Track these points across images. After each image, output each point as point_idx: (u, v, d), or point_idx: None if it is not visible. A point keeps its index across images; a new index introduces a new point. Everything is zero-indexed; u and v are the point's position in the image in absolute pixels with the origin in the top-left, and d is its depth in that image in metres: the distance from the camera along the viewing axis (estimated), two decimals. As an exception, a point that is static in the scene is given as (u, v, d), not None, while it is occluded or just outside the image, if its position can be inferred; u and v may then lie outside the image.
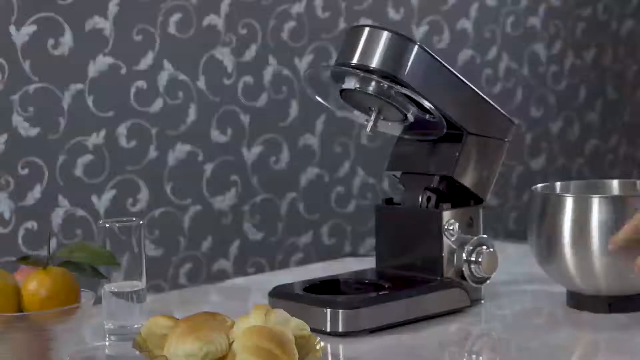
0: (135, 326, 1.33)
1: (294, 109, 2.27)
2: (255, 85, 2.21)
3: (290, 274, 1.52)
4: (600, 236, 1.38)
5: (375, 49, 1.41)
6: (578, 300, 1.45)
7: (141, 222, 1.36)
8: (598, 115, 2.90)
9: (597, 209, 1.38)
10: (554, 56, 2.78)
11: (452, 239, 1.47)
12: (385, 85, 1.40)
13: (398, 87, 1.39)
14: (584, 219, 1.39)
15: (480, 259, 1.46)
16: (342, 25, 2.33)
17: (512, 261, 1.69)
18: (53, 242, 1.93)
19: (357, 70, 1.41)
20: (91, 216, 1.98)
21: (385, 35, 1.41)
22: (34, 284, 1.15)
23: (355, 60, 1.41)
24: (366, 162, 2.40)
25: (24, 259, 1.16)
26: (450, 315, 1.44)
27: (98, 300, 1.39)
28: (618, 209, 1.38)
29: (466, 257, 1.47)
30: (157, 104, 2.06)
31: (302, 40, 2.28)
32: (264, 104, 2.23)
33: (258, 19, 2.20)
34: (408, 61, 1.40)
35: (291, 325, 1.20)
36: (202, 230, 2.15)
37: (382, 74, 1.40)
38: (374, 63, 1.40)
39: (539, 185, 1.51)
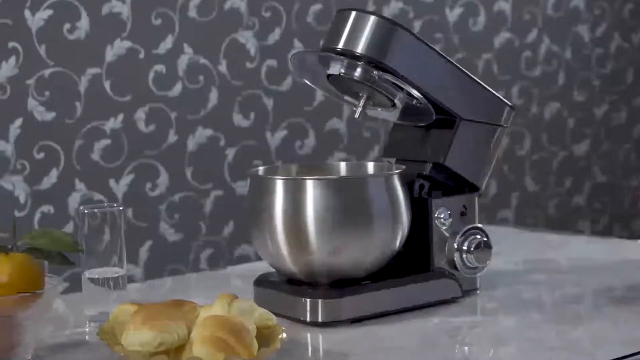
0: (115, 313, 1.33)
1: (319, 92, 2.24)
2: (280, 69, 2.18)
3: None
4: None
5: (361, 34, 1.38)
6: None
7: (121, 209, 1.36)
8: (647, 99, 2.83)
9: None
10: (598, 38, 2.70)
11: (443, 228, 1.43)
12: (371, 71, 1.37)
13: (382, 73, 1.36)
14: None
15: (472, 248, 1.43)
16: (371, 7, 2.30)
17: (533, 249, 1.64)
18: (69, 226, 1.94)
19: (342, 56, 1.38)
20: (109, 200, 1.98)
21: (372, 20, 1.38)
22: (-6, 270, 1.15)
23: (340, 46, 1.39)
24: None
25: (-16, 245, 1.16)
26: (439, 306, 1.41)
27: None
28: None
29: (457, 246, 1.43)
30: (177, 88, 2.05)
31: (329, 23, 2.24)
32: (288, 88, 2.20)
33: (282, 1, 2.18)
34: (395, 47, 1.37)
35: (255, 315, 1.19)
36: (224, 215, 2.14)
37: (367, 59, 1.37)
38: (360, 48, 1.37)
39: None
